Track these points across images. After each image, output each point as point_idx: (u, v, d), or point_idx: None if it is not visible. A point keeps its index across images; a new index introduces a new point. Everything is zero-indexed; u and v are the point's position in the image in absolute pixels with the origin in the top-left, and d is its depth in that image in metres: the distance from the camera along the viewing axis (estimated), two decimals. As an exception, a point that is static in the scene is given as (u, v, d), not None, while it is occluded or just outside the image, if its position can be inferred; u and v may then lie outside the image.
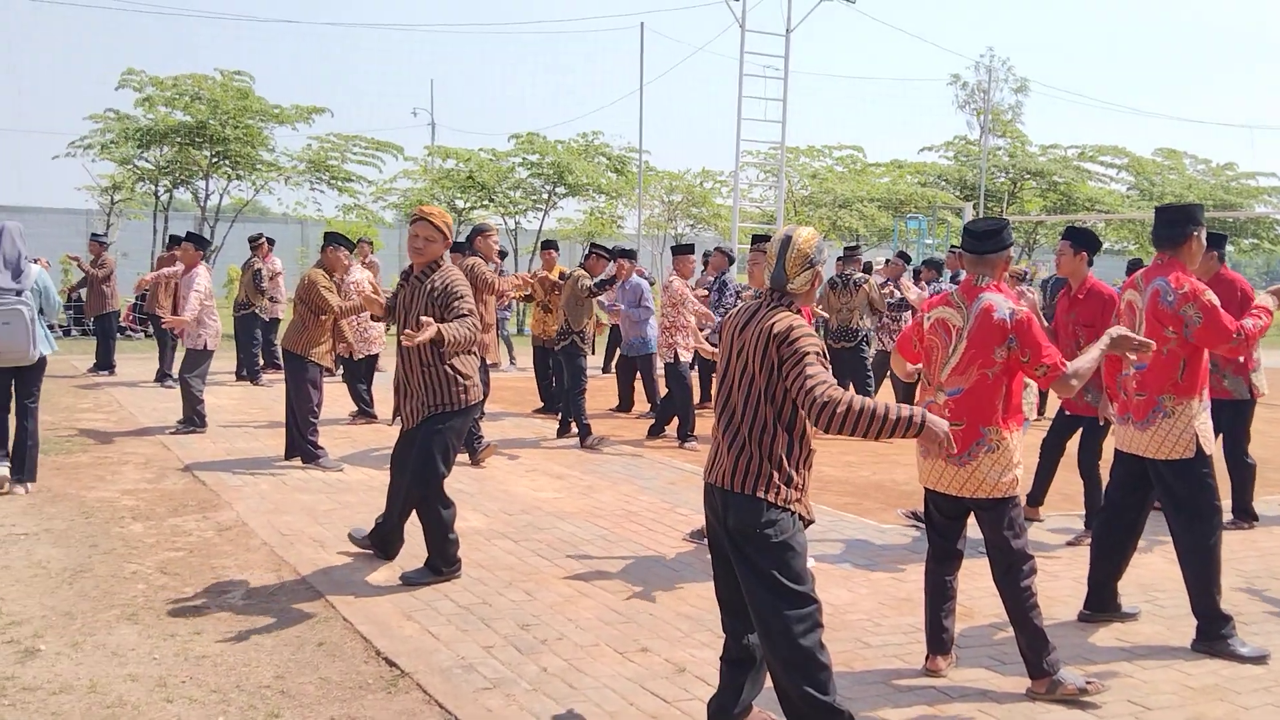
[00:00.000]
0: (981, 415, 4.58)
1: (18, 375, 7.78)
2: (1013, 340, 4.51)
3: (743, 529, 3.84)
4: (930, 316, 4.81)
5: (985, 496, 4.61)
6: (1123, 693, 4.67)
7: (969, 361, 4.59)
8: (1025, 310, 4.57)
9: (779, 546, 3.80)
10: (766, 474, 3.83)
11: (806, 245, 3.96)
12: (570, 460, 9.72)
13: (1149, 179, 34.47)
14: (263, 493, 8.05)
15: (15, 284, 7.49)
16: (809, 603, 3.78)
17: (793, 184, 31.39)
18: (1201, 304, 5.12)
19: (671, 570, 6.37)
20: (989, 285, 4.68)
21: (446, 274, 6.04)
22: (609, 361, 16.31)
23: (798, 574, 3.80)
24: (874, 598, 5.95)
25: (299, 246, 34.22)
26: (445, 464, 6.03)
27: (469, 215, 28.37)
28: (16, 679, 4.53)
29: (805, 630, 3.76)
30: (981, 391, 4.58)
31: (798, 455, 3.88)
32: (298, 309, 9.15)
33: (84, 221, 32.74)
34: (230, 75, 24.00)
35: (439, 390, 5.98)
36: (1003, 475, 4.58)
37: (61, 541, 6.61)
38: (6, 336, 7.45)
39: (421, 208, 6.19)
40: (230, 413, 11.82)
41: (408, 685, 4.61)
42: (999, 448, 4.57)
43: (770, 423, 3.85)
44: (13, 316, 7.45)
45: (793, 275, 3.95)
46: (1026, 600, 4.59)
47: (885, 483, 9.12)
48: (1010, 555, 4.62)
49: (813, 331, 3.87)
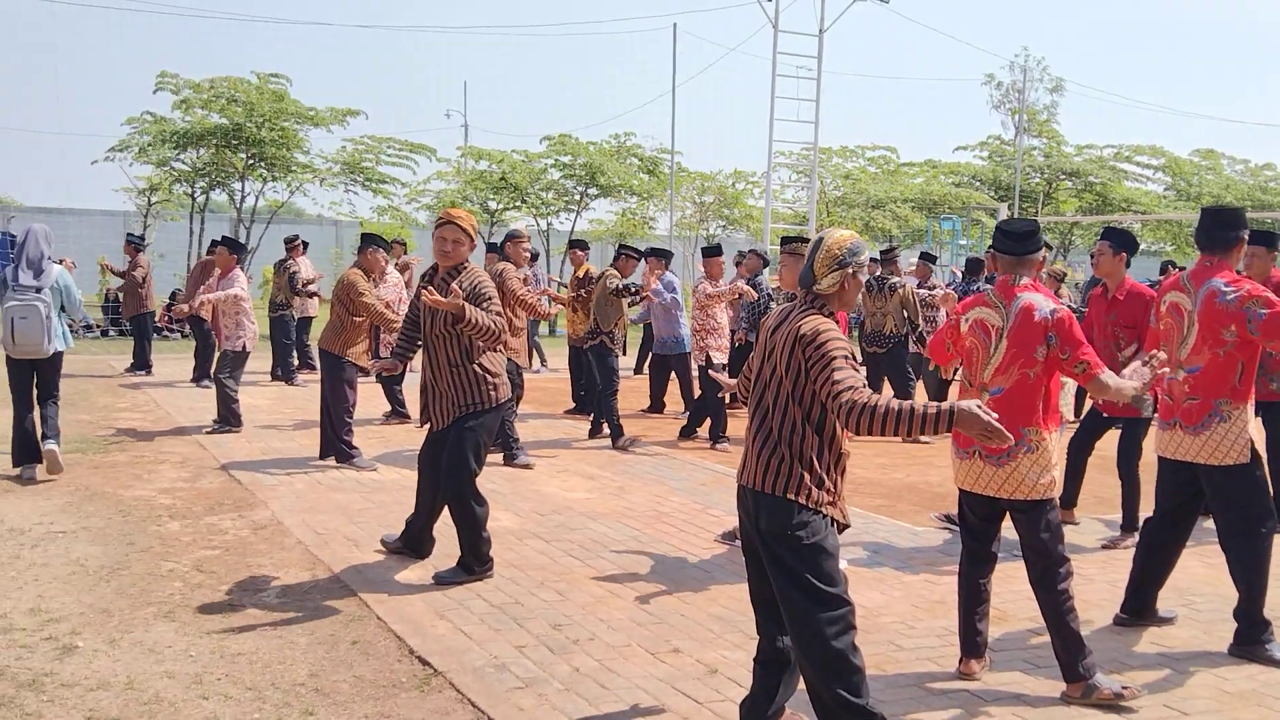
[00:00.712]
0: (1022, 415, 4.55)
1: (37, 369, 8.38)
2: (1052, 338, 4.49)
3: (774, 531, 3.83)
4: (968, 318, 4.78)
5: (1023, 498, 4.58)
6: (1158, 697, 4.63)
7: (1010, 361, 4.57)
8: (1065, 309, 4.56)
9: (810, 549, 3.78)
10: (797, 475, 3.82)
11: (836, 246, 3.93)
12: (602, 461, 9.73)
13: (1186, 179, 34.12)
14: (298, 492, 8.11)
15: (35, 282, 8.12)
16: (841, 605, 3.77)
17: (825, 185, 31.29)
18: (1264, 299, 5.05)
19: (703, 571, 6.37)
20: (1026, 285, 4.66)
21: (473, 275, 6.09)
22: (641, 363, 16.32)
23: (830, 576, 3.78)
24: (907, 600, 5.92)
25: (333, 248, 34.42)
26: (478, 461, 6.06)
27: (501, 216, 28.48)
28: (55, 675, 4.58)
29: (838, 632, 3.74)
30: (1022, 391, 4.55)
31: (828, 457, 3.87)
32: (335, 310, 9.22)
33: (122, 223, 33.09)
34: (266, 78, 24.19)
35: (468, 390, 6.01)
36: (1041, 476, 4.55)
37: (99, 539, 6.69)
38: (23, 329, 8.08)
39: (448, 211, 6.23)
40: (265, 412, 11.92)
41: (441, 684, 4.63)
42: (1038, 448, 4.54)
43: (799, 424, 3.84)
44: (30, 311, 8.07)
45: (820, 275, 3.92)
46: (1063, 604, 4.55)
47: (919, 485, 9.07)
48: (1047, 558, 4.59)
49: (841, 334, 3.84)
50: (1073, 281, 16.08)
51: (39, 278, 8.15)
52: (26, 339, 8.11)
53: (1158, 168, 34.77)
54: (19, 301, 8.07)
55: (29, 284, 8.10)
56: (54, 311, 8.20)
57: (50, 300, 8.17)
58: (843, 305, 4.01)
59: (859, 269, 3.97)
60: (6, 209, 33.84)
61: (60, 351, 8.33)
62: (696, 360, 10.91)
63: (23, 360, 8.30)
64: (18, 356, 8.26)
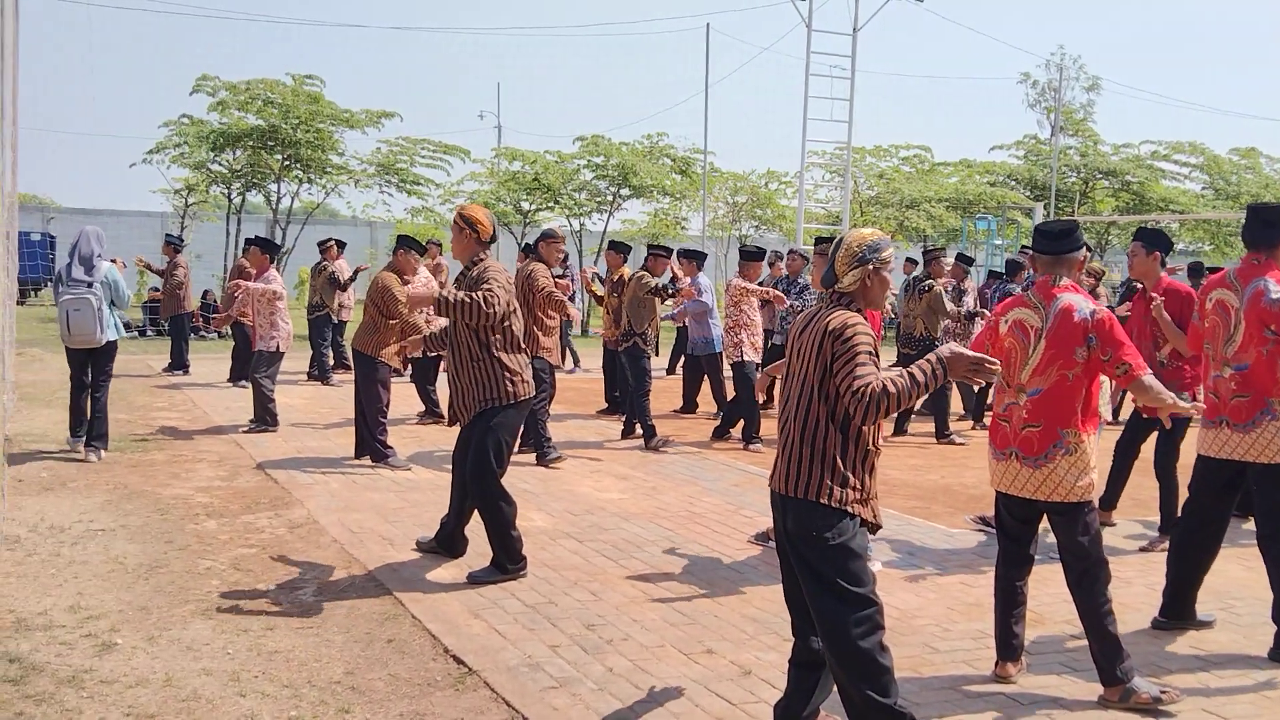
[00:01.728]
0: (1060, 417, 4.51)
1: (91, 357, 9.11)
2: (1093, 339, 4.46)
3: (800, 533, 3.85)
4: (1007, 319, 4.75)
5: (1060, 500, 4.54)
6: (1197, 700, 4.58)
7: (1049, 362, 4.54)
8: (1105, 310, 4.52)
9: (836, 549, 3.79)
10: (819, 476, 3.83)
11: (856, 243, 3.97)
12: (634, 461, 9.74)
13: (1225, 178, 33.70)
14: (333, 491, 8.16)
15: (87, 277, 8.83)
16: (869, 605, 3.77)
17: (859, 184, 31.15)
18: None
19: (736, 572, 6.36)
20: (1066, 285, 4.63)
21: (483, 266, 6.18)
22: (674, 364, 16.31)
23: (856, 576, 3.79)
24: (942, 602, 5.89)
25: (368, 248, 34.64)
26: (499, 461, 6.08)
27: (534, 217, 28.55)
28: (94, 672, 4.64)
29: (865, 632, 3.75)
30: (1061, 393, 4.52)
31: (854, 455, 3.86)
32: (368, 311, 9.29)
33: (159, 224, 33.45)
34: (301, 80, 24.36)
35: (487, 384, 6.05)
36: (1079, 478, 4.51)
37: (138, 537, 6.76)
38: (77, 321, 8.77)
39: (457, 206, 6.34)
40: (301, 412, 12.00)
41: (475, 683, 4.65)
42: (1076, 450, 4.50)
43: (824, 422, 3.85)
44: (83, 304, 8.76)
45: (841, 274, 3.96)
46: (1102, 607, 4.52)
47: (954, 486, 9.02)
48: (1086, 561, 4.55)
49: (869, 330, 3.85)
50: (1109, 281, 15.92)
51: (90, 273, 8.83)
52: (80, 329, 8.78)
53: (1196, 166, 34.34)
54: (72, 295, 8.75)
55: (81, 279, 8.79)
56: (105, 304, 8.88)
57: (101, 294, 8.84)
58: (869, 303, 4.02)
59: (881, 265, 3.97)
60: (46, 210, 34.31)
61: (113, 341, 9.07)
62: (730, 358, 10.89)
63: (79, 350, 9.03)
64: (73, 346, 8.99)
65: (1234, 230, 29.94)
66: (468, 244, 6.23)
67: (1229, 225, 31.43)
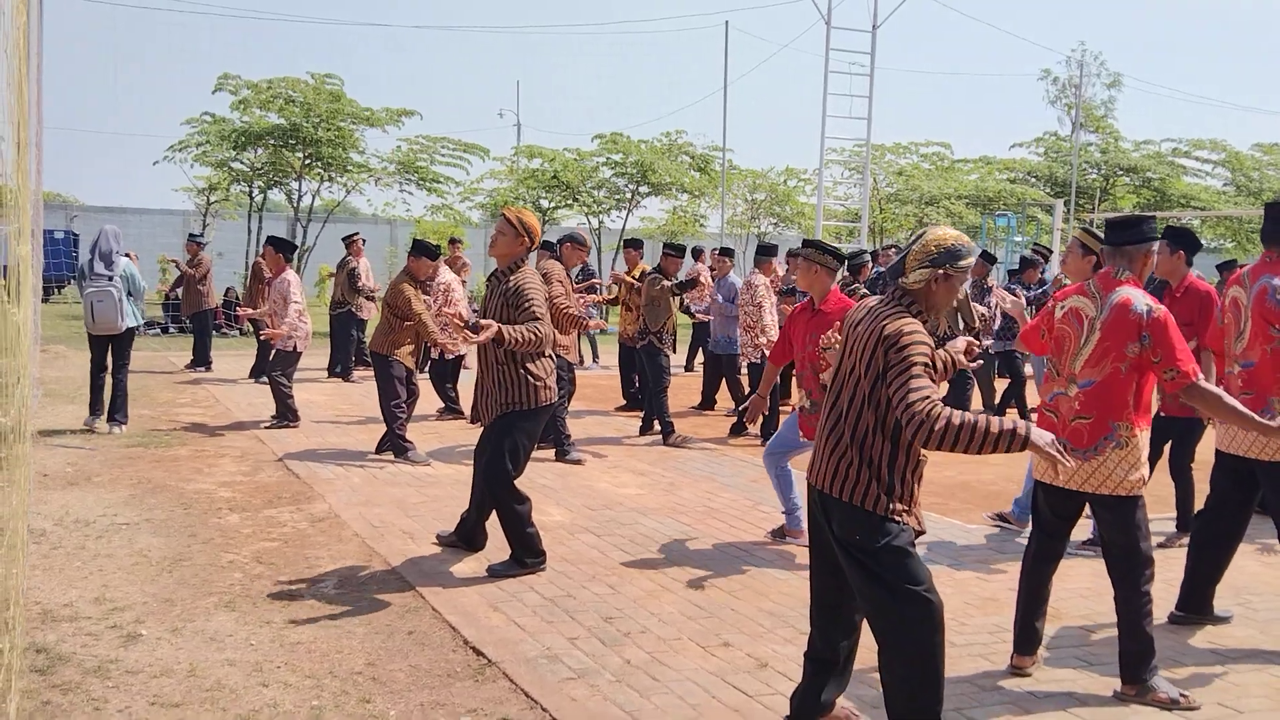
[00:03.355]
0: (1112, 410, 4.46)
1: (113, 343, 10.17)
2: (1146, 338, 4.38)
3: (847, 537, 3.77)
4: (1064, 305, 4.69)
5: (1109, 493, 4.49)
6: (1213, 695, 4.59)
7: (1102, 354, 4.47)
8: (1164, 309, 4.42)
9: (886, 550, 3.70)
10: (865, 481, 3.72)
11: (934, 242, 3.81)
12: (652, 457, 9.78)
13: (1247, 174, 33.50)
14: (354, 486, 8.23)
15: (108, 271, 9.94)
16: (925, 602, 3.67)
17: (878, 181, 31.10)
18: None
19: (753, 566, 6.39)
20: (1128, 279, 4.55)
21: (523, 275, 6.16)
22: (691, 360, 16.34)
23: (912, 573, 3.69)
24: (959, 597, 5.90)
25: (388, 246, 34.76)
26: (514, 464, 6.11)
27: (553, 215, 28.60)
28: (120, 662, 4.71)
29: (924, 631, 3.66)
30: (1114, 385, 4.45)
31: (903, 464, 3.75)
32: (385, 312, 9.43)
33: (181, 222, 33.62)
34: (322, 78, 24.47)
35: (510, 389, 6.08)
36: (1130, 473, 4.46)
37: (161, 531, 6.84)
38: (101, 310, 9.90)
39: (504, 207, 6.34)
40: (322, 408, 12.09)
41: (494, 674, 4.70)
42: (1128, 444, 4.45)
43: (872, 429, 3.73)
44: (105, 296, 9.88)
45: (910, 269, 3.81)
46: (1143, 606, 4.46)
47: (971, 482, 9.03)
48: (1134, 557, 4.49)
49: (927, 338, 3.68)
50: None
51: (110, 267, 9.94)
52: (104, 317, 9.91)
53: (1218, 163, 34.16)
54: (96, 288, 9.87)
55: (103, 273, 9.90)
56: (124, 295, 9.96)
57: (121, 286, 9.94)
58: (931, 307, 3.82)
59: (956, 273, 3.79)
60: (69, 208, 34.54)
61: (132, 328, 10.17)
62: (749, 358, 10.92)
63: (101, 336, 10.11)
64: (96, 333, 10.09)
65: (1256, 226, 29.76)
66: (516, 248, 6.21)
67: (1251, 222, 31.23)
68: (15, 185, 4.69)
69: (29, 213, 7.37)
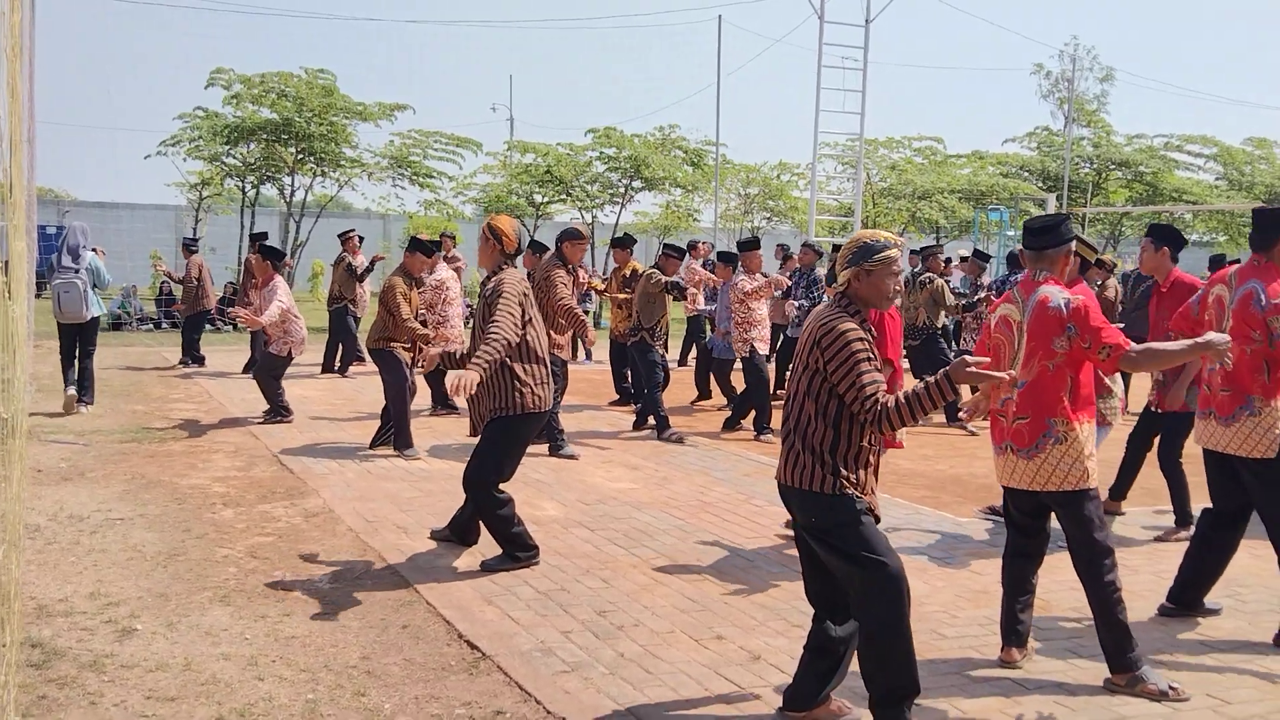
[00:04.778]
0: (1046, 407, 4.56)
1: (79, 331, 10.94)
2: (1072, 329, 4.49)
3: (806, 521, 4.08)
4: (995, 315, 4.83)
5: (1057, 489, 4.58)
6: (1202, 687, 4.63)
7: (1030, 354, 4.59)
8: (1081, 298, 4.53)
9: (844, 528, 3.97)
10: (810, 465, 4.01)
11: (850, 243, 4.15)
12: (646, 452, 9.81)
13: (1238, 169, 33.60)
14: (348, 481, 8.25)
15: (74, 264, 10.76)
16: (887, 569, 3.91)
17: (871, 176, 31.12)
18: None
19: (746, 560, 6.42)
20: (1047, 279, 4.67)
21: (500, 277, 6.22)
22: (684, 355, 16.36)
23: (871, 543, 3.95)
24: (950, 590, 5.94)
25: (381, 241, 34.75)
26: (498, 471, 6.13)
27: (546, 210, 28.60)
28: (115, 657, 4.73)
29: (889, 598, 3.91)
30: (1045, 383, 4.57)
31: (844, 450, 4.01)
32: (379, 310, 9.46)
33: (174, 217, 33.60)
34: (315, 73, 24.42)
35: (498, 395, 6.12)
36: (1073, 467, 4.54)
37: (156, 526, 6.85)
38: (67, 300, 10.70)
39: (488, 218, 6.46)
40: (316, 404, 12.09)
41: (489, 667, 4.73)
42: (1067, 439, 4.54)
43: (813, 418, 4.02)
44: (70, 287, 10.68)
45: (839, 271, 4.13)
46: (1111, 594, 4.55)
47: (963, 476, 9.07)
48: (1091, 549, 4.58)
49: (860, 333, 3.97)
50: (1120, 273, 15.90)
51: (76, 261, 10.76)
52: (70, 307, 10.70)
53: (1209, 157, 34.24)
54: (63, 279, 10.68)
55: (69, 266, 10.74)
56: (89, 287, 10.76)
57: (86, 278, 10.72)
58: (864, 303, 4.13)
59: (874, 267, 4.05)
60: (61, 203, 34.47)
61: (96, 316, 10.99)
62: (740, 353, 10.95)
63: (68, 325, 10.89)
64: (64, 322, 10.88)
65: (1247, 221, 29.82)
66: (493, 254, 6.33)
67: (1242, 216, 31.30)
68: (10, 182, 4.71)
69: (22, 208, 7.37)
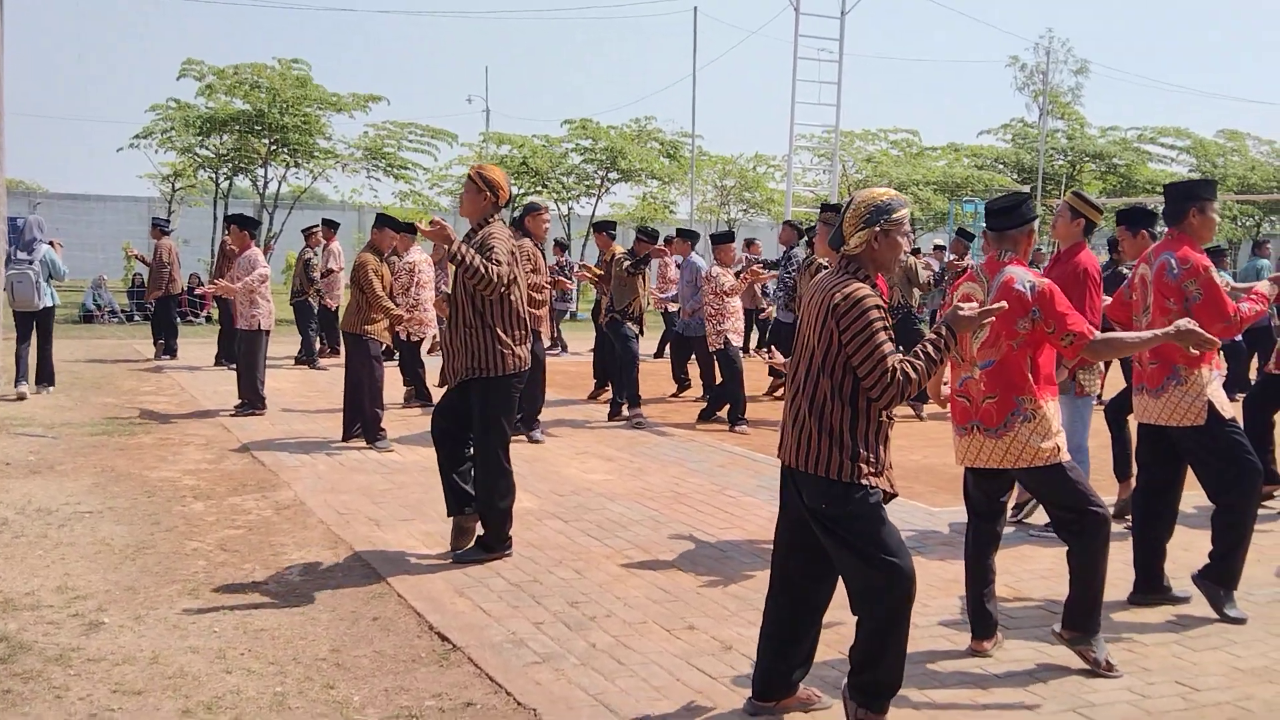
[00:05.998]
0: (1014, 386, 4.59)
1: (35, 320, 11.44)
2: (1036, 312, 4.51)
3: (816, 508, 3.85)
4: (957, 294, 4.84)
5: (1027, 465, 4.59)
6: (1171, 674, 4.66)
7: (995, 334, 4.60)
8: (1047, 282, 4.55)
9: (856, 520, 3.79)
10: (827, 449, 3.79)
11: (863, 202, 3.88)
12: (621, 443, 9.79)
13: (1211, 161, 33.86)
14: (320, 473, 8.20)
15: (28, 256, 11.33)
16: (897, 570, 3.76)
17: (847, 168, 31.19)
18: (1202, 281, 5.23)
19: (719, 551, 6.42)
20: (1011, 260, 4.70)
21: (489, 230, 6.14)
22: (662, 347, 16.35)
23: (883, 542, 3.77)
24: (922, 579, 5.84)
25: (356, 233, 34.58)
26: (503, 434, 6.13)
27: (522, 201, 28.52)
28: (82, 650, 4.68)
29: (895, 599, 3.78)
30: (1009, 362, 4.58)
31: (864, 428, 3.81)
32: (353, 292, 9.41)
33: (146, 209, 33.28)
34: (288, 64, 24.27)
35: (478, 354, 6.06)
36: (1043, 441, 4.56)
37: (125, 519, 6.79)
38: (20, 290, 11.25)
39: (473, 165, 6.33)
40: (288, 396, 12.02)
41: (459, 659, 4.70)
42: (1035, 416, 4.56)
43: (829, 397, 3.80)
44: (23, 278, 11.25)
45: (848, 235, 3.88)
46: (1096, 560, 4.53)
47: (936, 466, 9.09)
48: (1077, 512, 4.55)
49: (879, 301, 3.78)
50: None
51: (30, 253, 11.33)
52: (23, 296, 11.25)
53: (1182, 149, 34.50)
54: (16, 270, 11.26)
55: (23, 258, 11.31)
56: (43, 278, 11.32)
57: (40, 270, 11.29)
58: (878, 267, 3.93)
59: (892, 227, 3.86)
60: (33, 195, 34.14)
61: (50, 307, 11.49)
62: (714, 346, 10.95)
63: (24, 313, 11.38)
64: (18, 310, 11.38)
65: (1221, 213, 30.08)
66: (484, 205, 6.19)
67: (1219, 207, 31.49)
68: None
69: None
